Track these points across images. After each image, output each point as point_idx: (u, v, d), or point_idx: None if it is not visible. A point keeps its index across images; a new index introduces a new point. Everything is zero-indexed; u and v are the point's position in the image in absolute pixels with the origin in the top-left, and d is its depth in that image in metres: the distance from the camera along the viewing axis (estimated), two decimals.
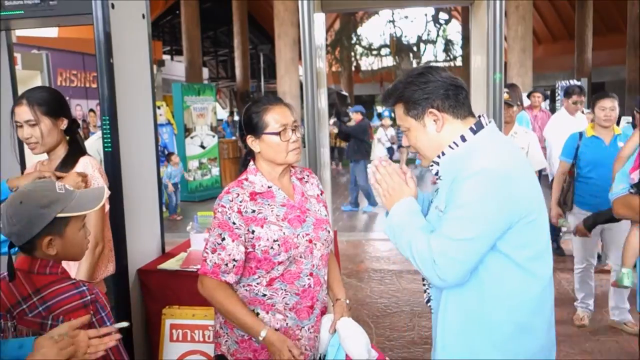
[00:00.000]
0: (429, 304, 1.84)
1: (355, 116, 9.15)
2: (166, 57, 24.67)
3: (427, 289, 1.83)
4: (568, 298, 4.67)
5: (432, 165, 1.72)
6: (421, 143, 1.71)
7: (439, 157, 1.69)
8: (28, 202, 1.60)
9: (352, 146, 9.04)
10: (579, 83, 12.18)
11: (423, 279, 1.79)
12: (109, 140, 2.71)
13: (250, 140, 1.96)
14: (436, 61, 21.97)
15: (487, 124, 1.67)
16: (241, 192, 1.91)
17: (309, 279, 1.95)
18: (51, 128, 2.32)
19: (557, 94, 11.88)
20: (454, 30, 22.96)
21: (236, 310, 1.87)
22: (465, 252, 1.54)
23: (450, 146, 1.66)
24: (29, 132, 2.29)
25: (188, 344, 2.70)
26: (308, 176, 2.13)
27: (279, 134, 1.90)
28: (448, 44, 21.73)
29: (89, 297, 1.63)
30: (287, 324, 1.91)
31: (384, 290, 5.01)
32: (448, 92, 1.65)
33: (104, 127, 2.72)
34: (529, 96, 7.34)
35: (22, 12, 2.76)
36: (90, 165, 2.38)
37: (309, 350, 1.96)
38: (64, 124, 2.38)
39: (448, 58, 21.57)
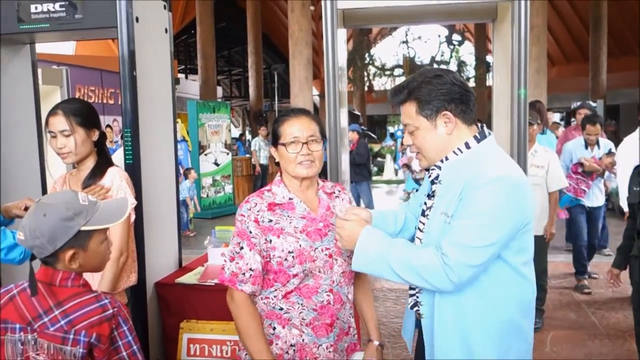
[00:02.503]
0: (415, 309, 1.85)
1: (352, 135, 8.40)
2: (181, 75, 24.90)
3: (415, 294, 1.83)
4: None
5: (432, 169, 1.77)
6: (428, 144, 1.74)
7: (441, 161, 1.74)
8: (51, 215, 1.56)
9: (354, 168, 8.58)
10: (594, 105, 12.11)
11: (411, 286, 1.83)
12: (130, 152, 2.72)
13: (272, 149, 1.97)
14: None
15: (489, 134, 1.74)
16: (259, 201, 1.90)
17: (328, 295, 1.90)
18: (85, 138, 2.36)
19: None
20: (467, 51, 23.01)
21: (251, 335, 1.84)
22: (482, 257, 1.61)
23: (454, 152, 1.71)
24: (62, 142, 2.32)
25: (205, 359, 2.66)
26: (339, 192, 2.08)
27: (285, 145, 1.89)
28: (461, 65, 21.74)
29: (111, 311, 1.60)
30: (303, 339, 1.86)
31: (400, 310, 4.94)
32: (462, 96, 1.70)
33: (126, 139, 2.72)
34: (573, 114, 6.53)
35: (48, 25, 2.78)
36: (118, 175, 2.40)
37: None
38: (95, 135, 2.42)
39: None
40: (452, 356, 1.72)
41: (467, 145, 1.70)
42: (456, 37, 21.51)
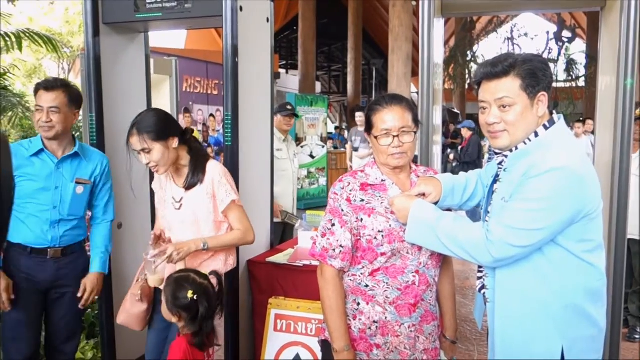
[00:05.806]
0: (482, 292, 1.87)
1: (465, 133, 8.57)
2: (281, 70, 25.51)
3: (482, 276, 1.87)
4: None
5: (499, 153, 1.79)
6: (523, 122, 1.71)
7: (511, 150, 1.74)
8: None
9: (463, 166, 8.58)
10: None
11: (480, 268, 1.87)
12: (229, 134, 2.86)
13: (366, 134, 2.03)
14: (557, 81, 20.91)
15: (557, 120, 1.74)
16: (353, 181, 1.96)
17: (414, 276, 1.92)
18: (163, 151, 2.38)
19: None
20: (578, 49, 21.77)
21: (334, 311, 1.91)
22: (527, 240, 1.63)
23: (524, 142, 1.71)
24: (147, 158, 2.38)
25: (291, 335, 2.77)
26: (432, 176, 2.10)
27: (377, 137, 1.93)
28: (570, 63, 20.59)
29: None
30: (385, 317, 1.91)
31: None
32: (551, 85, 1.72)
33: (226, 123, 2.87)
34: None
35: (160, 14, 3.00)
36: (217, 172, 2.46)
37: (407, 349, 1.93)
38: (175, 142, 2.42)
39: (570, 78, 20.47)
40: (513, 341, 1.75)
41: (536, 134, 1.71)
42: (566, 34, 20.42)
